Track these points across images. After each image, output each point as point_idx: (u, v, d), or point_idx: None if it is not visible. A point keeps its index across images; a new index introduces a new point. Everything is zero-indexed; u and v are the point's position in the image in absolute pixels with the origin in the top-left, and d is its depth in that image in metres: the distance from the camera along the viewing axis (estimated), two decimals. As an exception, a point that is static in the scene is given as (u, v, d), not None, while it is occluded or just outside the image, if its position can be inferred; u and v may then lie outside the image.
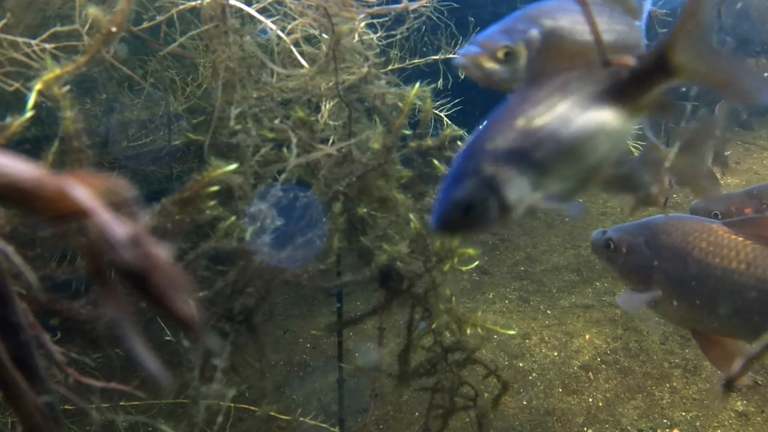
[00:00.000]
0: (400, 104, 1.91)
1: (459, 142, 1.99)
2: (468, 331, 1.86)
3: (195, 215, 1.46)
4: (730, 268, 1.91)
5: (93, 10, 1.48)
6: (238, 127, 1.81)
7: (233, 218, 1.65)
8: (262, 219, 1.63)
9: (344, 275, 1.96)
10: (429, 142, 1.97)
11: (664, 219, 2.12)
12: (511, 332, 2.00)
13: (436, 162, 1.97)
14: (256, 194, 1.69)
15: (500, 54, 1.43)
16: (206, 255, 1.61)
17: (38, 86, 1.45)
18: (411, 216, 1.83)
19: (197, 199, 1.44)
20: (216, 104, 1.87)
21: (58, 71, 1.48)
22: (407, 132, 1.98)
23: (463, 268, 1.86)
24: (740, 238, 1.94)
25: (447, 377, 2.01)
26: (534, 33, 1.45)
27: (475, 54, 1.45)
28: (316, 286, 1.85)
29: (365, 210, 1.84)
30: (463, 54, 1.48)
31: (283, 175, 1.72)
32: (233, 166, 1.49)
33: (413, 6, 2.06)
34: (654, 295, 2.08)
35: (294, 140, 1.78)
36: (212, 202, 1.50)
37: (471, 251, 1.84)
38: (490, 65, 1.44)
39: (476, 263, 2.00)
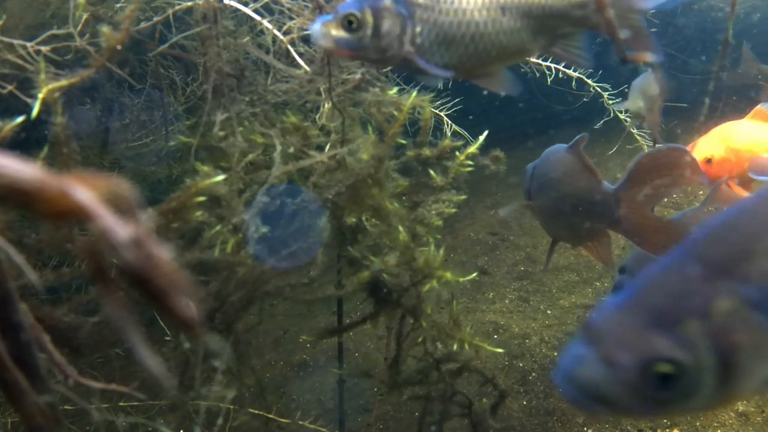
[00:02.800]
0: (395, 113, 1.89)
1: (457, 153, 1.98)
2: (455, 347, 1.85)
3: (182, 225, 1.46)
4: (559, 179, 2.25)
5: (105, 29, 1.50)
6: (221, 133, 1.80)
7: (218, 227, 1.64)
8: (244, 228, 1.63)
9: (328, 287, 1.95)
10: (427, 151, 1.95)
11: (549, 149, 2.42)
12: (499, 350, 2.01)
13: (432, 173, 1.95)
14: (242, 201, 1.68)
15: (345, 21, 1.46)
16: (190, 265, 1.60)
17: (42, 95, 1.45)
18: (400, 227, 1.81)
19: (184, 210, 1.43)
20: (206, 108, 1.87)
21: (64, 82, 1.48)
22: (403, 142, 1.96)
23: (461, 279, 1.84)
24: (574, 158, 2.23)
25: (439, 387, 2.00)
26: (387, 2, 1.47)
27: (325, 21, 1.48)
28: (300, 298, 1.84)
29: (354, 219, 1.82)
30: (315, 23, 1.50)
31: (266, 184, 1.71)
32: (221, 177, 1.48)
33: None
34: (522, 204, 2.49)
35: (279, 147, 1.77)
36: (198, 213, 1.50)
37: (448, 275, 1.82)
38: (336, 33, 1.47)
39: (474, 274, 1.99)
